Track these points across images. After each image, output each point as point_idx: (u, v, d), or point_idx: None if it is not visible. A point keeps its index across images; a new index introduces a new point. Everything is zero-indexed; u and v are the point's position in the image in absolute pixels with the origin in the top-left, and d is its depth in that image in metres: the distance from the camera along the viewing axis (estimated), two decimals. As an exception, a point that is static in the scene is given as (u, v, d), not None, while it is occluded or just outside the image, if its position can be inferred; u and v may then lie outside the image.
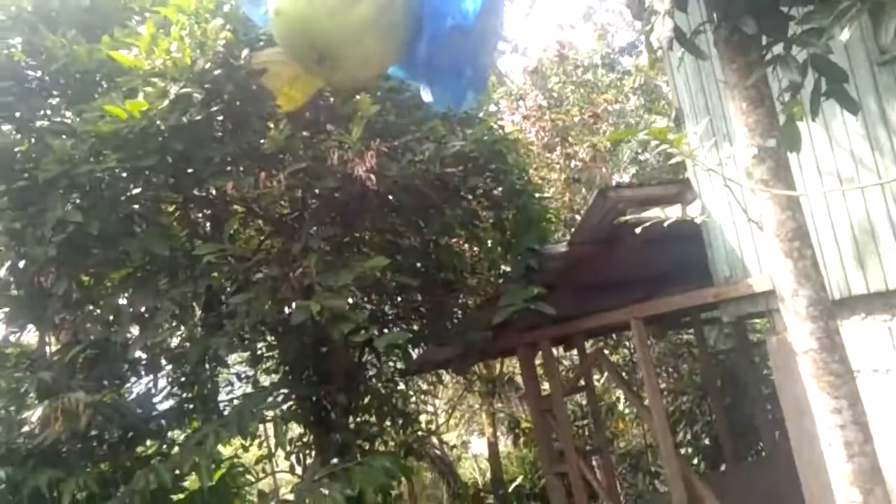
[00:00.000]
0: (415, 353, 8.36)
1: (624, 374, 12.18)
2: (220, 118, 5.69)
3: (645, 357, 7.08)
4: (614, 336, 12.25)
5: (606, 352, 12.09)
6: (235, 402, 7.18)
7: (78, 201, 5.39)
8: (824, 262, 5.02)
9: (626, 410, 12.69)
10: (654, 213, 3.55)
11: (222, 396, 7.69)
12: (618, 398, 12.91)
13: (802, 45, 3.18)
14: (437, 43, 1.05)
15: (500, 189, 6.93)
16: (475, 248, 8.30)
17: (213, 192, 6.15)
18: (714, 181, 5.30)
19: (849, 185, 4.90)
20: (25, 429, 5.65)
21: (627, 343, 12.20)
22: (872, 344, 4.88)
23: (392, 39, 1.02)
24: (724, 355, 11.17)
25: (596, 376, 12.31)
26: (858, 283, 4.91)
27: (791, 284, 3.38)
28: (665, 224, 3.58)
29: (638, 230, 3.76)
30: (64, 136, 5.27)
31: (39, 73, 5.82)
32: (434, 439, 9.37)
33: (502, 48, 9.01)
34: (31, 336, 7.12)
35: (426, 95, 1.18)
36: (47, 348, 6.71)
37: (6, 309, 6.18)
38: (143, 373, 6.63)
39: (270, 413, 6.38)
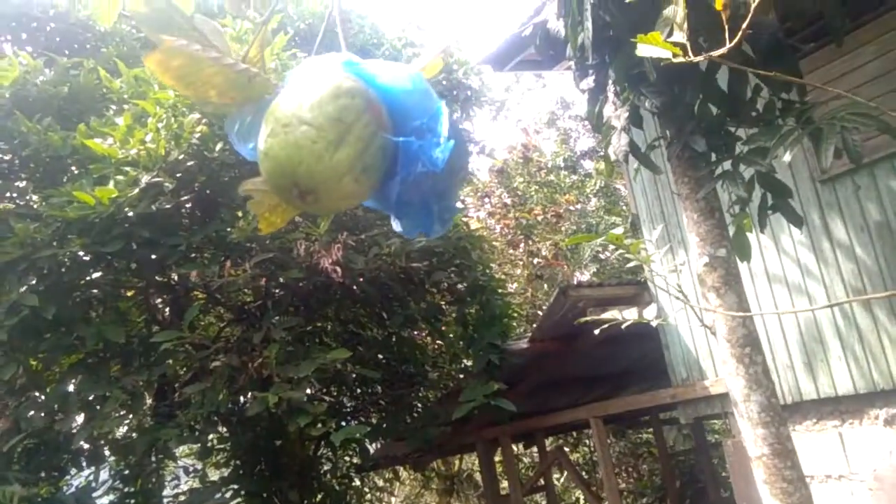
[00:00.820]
0: (372, 448, 8.17)
1: (584, 472, 12.01)
2: (190, 206, 5.74)
3: (604, 456, 7.04)
4: (574, 434, 12.16)
5: (567, 450, 11.96)
6: (181, 497, 6.87)
7: (35, 285, 5.30)
8: (776, 367, 5.16)
9: (587, 511, 12.42)
10: (612, 314, 3.66)
11: (167, 492, 7.35)
12: (577, 498, 12.66)
13: (748, 164, 3.41)
14: (407, 184, 1.17)
15: (463, 284, 7.02)
16: (438, 342, 8.30)
17: (176, 278, 6.11)
18: (669, 283, 5.48)
19: (799, 307, 5.11)
20: (-47, 524, 5.28)
21: (588, 441, 12.10)
22: (824, 449, 4.96)
23: (367, 180, 1.13)
24: (683, 456, 11.14)
25: (556, 475, 12.11)
26: (809, 388, 5.04)
27: (743, 390, 3.48)
28: (623, 326, 3.69)
29: (596, 331, 3.85)
30: (28, 220, 5.24)
31: (9, 157, 5.84)
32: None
33: (470, 149, 9.36)
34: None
35: (396, 225, 1.29)
36: (-16, 437, 6.39)
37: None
38: (84, 465, 6.31)
39: (218, 511, 6.10)
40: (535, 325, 7.61)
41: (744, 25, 1.59)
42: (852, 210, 4.80)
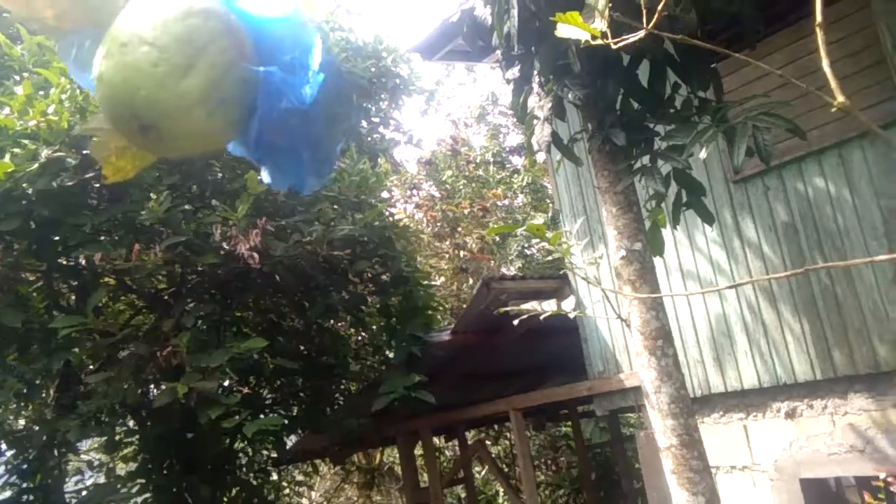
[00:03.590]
0: (291, 441, 7.98)
1: (504, 466, 12.14)
2: (96, 185, 5.42)
3: (523, 449, 7.11)
4: (496, 427, 12.27)
5: (488, 443, 12.06)
6: (84, 493, 6.52)
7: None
8: (687, 362, 5.32)
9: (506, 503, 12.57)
10: (531, 305, 3.66)
11: (70, 486, 6.96)
12: (497, 491, 12.79)
13: (666, 160, 3.47)
14: (268, 123, 1.03)
15: (387, 275, 6.94)
16: (360, 333, 8.19)
17: (83, 262, 5.77)
18: (588, 275, 5.56)
19: (708, 288, 5.28)
20: None
21: (508, 434, 12.24)
22: (730, 441, 5.15)
23: (222, 116, 0.98)
24: (599, 448, 11.42)
25: (477, 468, 12.20)
26: (717, 382, 5.22)
27: (654, 381, 3.55)
28: (541, 317, 3.70)
29: (516, 322, 3.85)
30: (-88, 193, 4.82)
31: None
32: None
33: (398, 139, 9.25)
34: None
35: (264, 175, 1.16)
36: None
37: None
38: (-24, 458, 5.92)
39: (123, 506, 5.82)
40: (458, 318, 7.60)
41: (659, 7, 1.57)
42: (762, 210, 4.98)
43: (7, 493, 6.21)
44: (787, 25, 4.77)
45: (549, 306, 3.73)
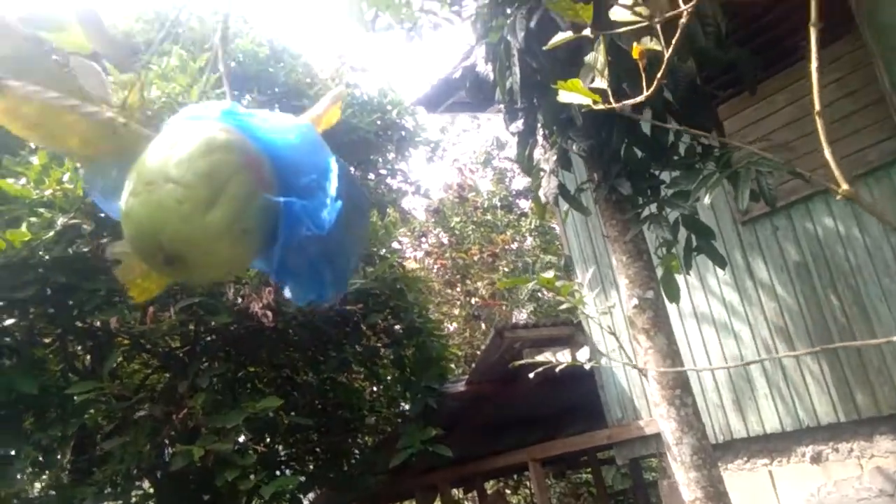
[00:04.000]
0: (307, 499, 7.87)
1: (525, 516, 11.88)
2: (111, 250, 5.48)
3: (542, 499, 6.97)
4: (515, 476, 12.05)
5: (507, 492, 11.83)
6: (100, 560, 6.42)
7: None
8: (706, 406, 5.24)
9: (529, 555, 12.25)
10: (546, 356, 3.64)
11: (85, 554, 6.85)
12: (520, 542, 12.49)
13: (672, 207, 3.49)
14: (290, 249, 1.06)
15: (400, 326, 6.93)
16: (374, 386, 8.14)
17: (97, 324, 5.81)
18: (602, 325, 5.53)
19: (726, 346, 5.22)
20: None
21: (528, 483, 12.00)
22: (756, 488, 5.03)
23: (245, 245, 1.02)
24: (622, 496, 11.16)
25: (497, 519, 11.93)
26: (739, 426, 5.13)
27: (675, 432, 3.49)
28: (557, 370, 3.67)
29: (531, 375, 3.82)
30: (-69, 264, 4.90)
31: (-87, 197, 5.48)
32: None
33: (406, 189, 9.37)
34: None
35: (286, 292, 1.19)
36: None
37: None
38: (-8, 528, 5.85)
39: (139, 573, 5.72)
40: (472, 367, 7.55)
41: (659, 74, 1.61)
42: (772, 250, 4.97)
43: (22, 563, 6.12)
44: (788, 66, 4.83)
45: (563, 356, 3.71)
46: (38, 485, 6.71)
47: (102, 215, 5.17)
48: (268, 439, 7.27)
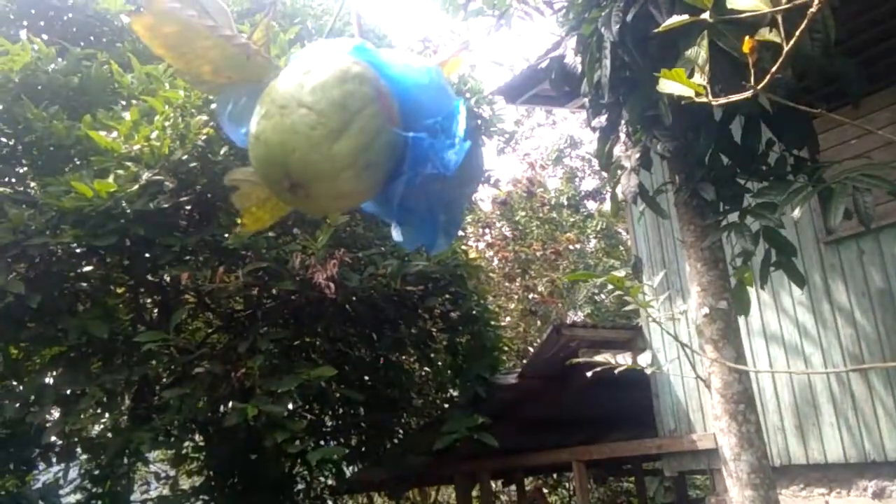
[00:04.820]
0: (349, 471, 8.00)
1: (561, 517, 11.79)
2: (188, 208, 5.67)
3: (583, 502, 6.88)
4: (554, 475, 11.96)
5: (545, 491, 11.75)
6: (149, 503, 6.70)
7: (23, 272, 5.21)
8: (766, 427, 5.06)
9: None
10: (605, 357, 3.58)
11: (136, 496, 7.17)
12: (553, 542, 12.41)
13: (756, 217, 3.36)
14: (413, 187, 1.05)
15: (457, 312, 6.94)
16: (425, 369, 8.18)
17: (167, 279, 6.03)
18: (667, 331, 5.41)
19: (795, 368, 5.04)
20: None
21: (567, 484, 11.90)
22: (810, 516, 4.84)
23: (369, 178, 1.01)
24: (663, 509, 10.93)
25: (533, 516, 11.88)
26: (798, 452, 4.94)
27: (734, 448, 3.38)
28: (616, 371, 3.61)
29: (589, 374, 3.77)
30: (23, 206, 5.17)
31: (13, 142, 5.79)
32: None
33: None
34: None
35: (396, 234, 1.18)
36: (-44, 422, 6.26)
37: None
38: (54, 461, 6.16)
39: (184, 521, 5.94)
40: (525, 362, 7.51)
41: (773, 69, 1.54)
42: (855, 274, 4.74)
43: (78, 497, 6.44)
44: (892, 83, 4.58)
45: (622, 359, 3.65)
46: (97, 426, 7.04)
47: (183, 176, 5.35)
48: (317, 409, 7.42)
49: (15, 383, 5.74)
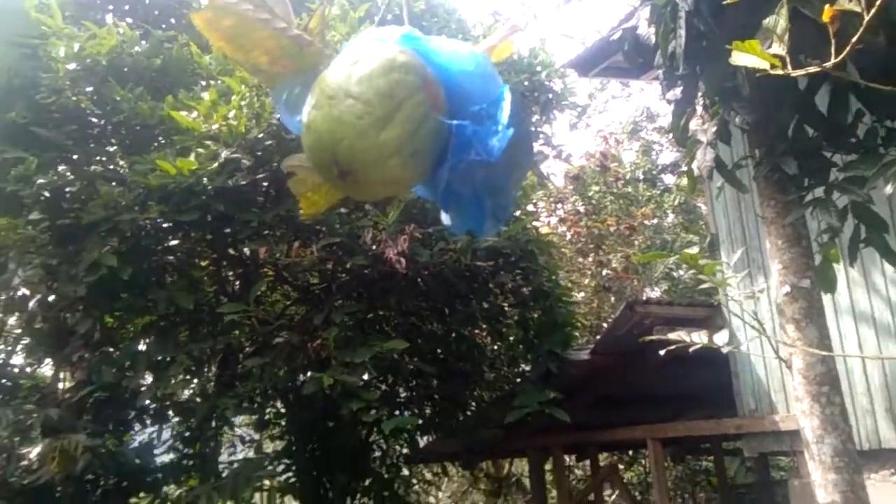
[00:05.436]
0: (422, 442, 8.16)
1: (637, 494, 11.67)
2: (265, 185, 5.85)
3: (660, 480, 6.79)
4: (630, 452, 11.83)
5: (621, 467, 11.66)
6: (235, 465, 7.06)
7: (115, 246, 5.53)
8: (854, 409, 4.83)
9: (636, 533, 12.07)
10: (680, 335, 3.49)
11: (223, 457, 7.55)
12: (627, 518, 12.31)
13: (844, 192, 3.18)
14: (457, 172, 1.05)
15: (528, 288, 6.91)
16: (497, 344, 8.21)
17: (247, 253, 6.26)
18: (745, 310, 5.21)
19: (887, 349, 4.77)
20: (24, 463, 5.59)
21: (643, 461, 11.75)
22: (900, 505, 4.61)
23: (416, 165, 1.02)
24: (744, 489, 10.64)
25: (607, 491, 11.82)
26: (889, 436, 4.69)
27: (817, 430, 3.25)
28: (690, 350, 3.51)
29: (662, 352, 3.68)
30: (114, 183, 5.47)
31: (102, 122, 6.11)
32: (431, 534, 9.07)
33: (546, 152, 9.19)
34: (46, 370, 7.18)
35: (445, 219, 1.19)
36: (60, 385, 6.75)
37: (28, 341, 6.30)
38: (148, 422, 6.57)
39: (267, 482, 6.23)
40: (597, 338, 7.42)
41: (854, 39, 1.45)
42: (956, 251, 4.41)
43: (171, 456, 6.86)
44: None
45: (698, 337, 3.54)
46: (187, 391, 7.44)
47: (260, 154, 5.52)
48: (391, 380, 7.59)
49: (111, 350, 6.12)
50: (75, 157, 6.02)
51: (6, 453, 5.80)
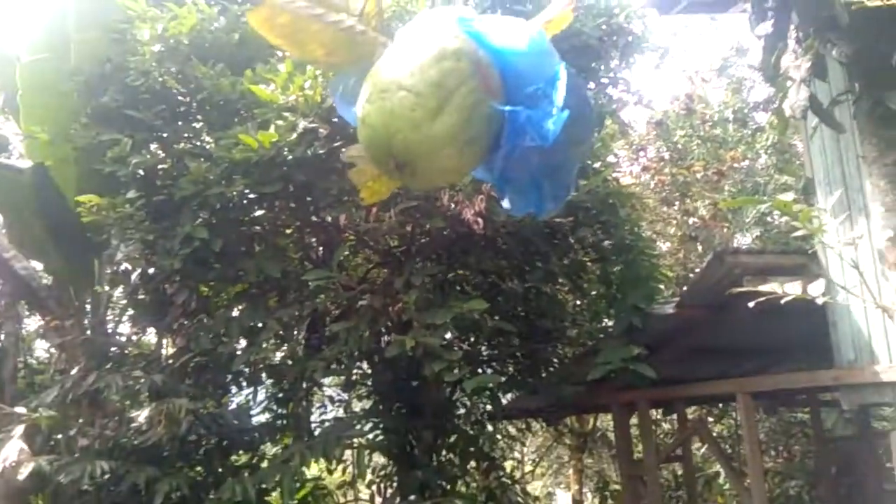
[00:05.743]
0: (505, 399, 8.24)
1: (728, 447, 11.44)
2: (343, 152, 5.92)
3: (751, 434, 6.61)
4: (720, 405, 11.57)
5: (710, 419, 11.44)
6: (326, 424, 7.36)
7: (206, 219, 5.77)
8: (967, 360, 4.52)
9: (727, 486, 11.87)
10: (772, 286, 3.34)
11: (315, 417, 7.90)
12: (718, 472, 12.11)
13: (955, 126, 2.92)
14: (512, 158, 1.02)
15: (609, 242, 6.76)
16: (578, 300, 8.12)
17: (329, 219, 6.41)
18: (843, 257, 4.93)
19: None
20: (134, 426, 6.02)
21: (734, 413, 11.47)
22: None
23: (470, 153, 1.00)
24: (842, 441, 10.24)
25: (696, 445, 11.65)
26: None
27: (923, 384, 3.07)
28: (783, 301, 3.36)
29: (752, 304, 3.54)
30: (201, 159, 5.69)
31: (187, 100, 6.32)
32: (517, 488, 9.15)
33: (626, 100, 8.87)
34: (150, 337, 7.66)
35: (505, 203, 1.16)
36: (163, 351, 7.20)
37: (133, 311, 6.71)
38: (244, 385, 6.92)
39: (357, 440, 6.48)
40: (683, 290, 7.22)
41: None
42: None
43: (266, 416, 7.22)
44: None
45: (791, 287, 3.37)
46: (278, 355, 7.78)
47: (336, 120, 5.58)
48: (472, 339, 7.66)
49: (206, 318, 6.44)
50: (165, 135, 6.28)
51: (118, 417, 6.28)
